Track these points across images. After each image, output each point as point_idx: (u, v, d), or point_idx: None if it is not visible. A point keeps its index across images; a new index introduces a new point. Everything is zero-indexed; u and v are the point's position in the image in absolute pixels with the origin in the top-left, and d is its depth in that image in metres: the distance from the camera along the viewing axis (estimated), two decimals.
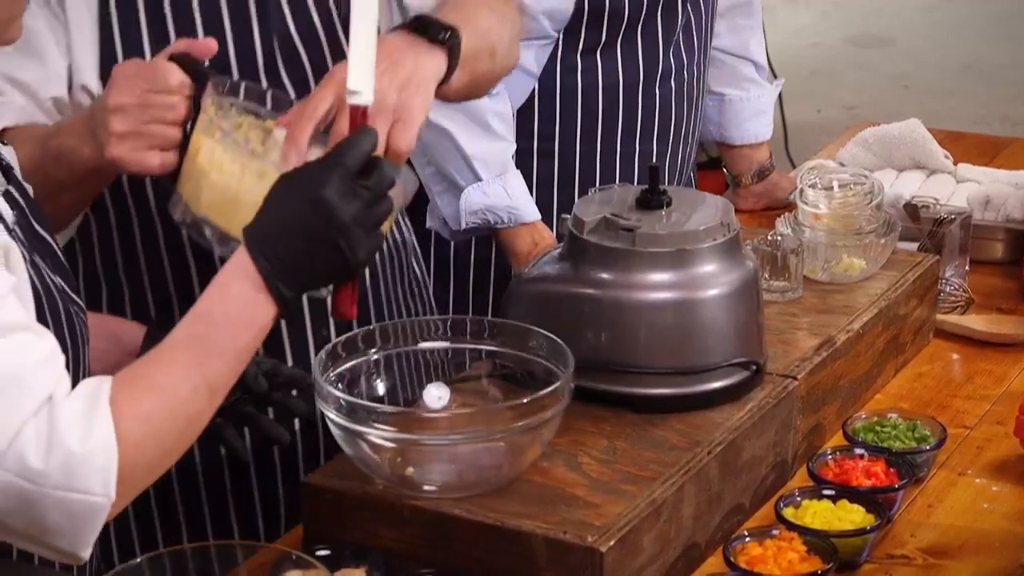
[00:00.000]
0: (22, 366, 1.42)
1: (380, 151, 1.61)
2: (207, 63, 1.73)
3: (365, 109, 1.55)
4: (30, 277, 1.52)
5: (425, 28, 1.75)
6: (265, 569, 1.67)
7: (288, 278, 1.51)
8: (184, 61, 1.71)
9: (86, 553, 1.47)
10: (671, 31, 2.51)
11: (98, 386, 1.46)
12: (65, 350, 1.54)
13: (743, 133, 2.80)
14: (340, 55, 1.94)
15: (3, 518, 1.44)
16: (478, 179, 2.41)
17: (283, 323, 1.95)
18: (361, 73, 1.53)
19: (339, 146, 1.52)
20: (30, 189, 1.65)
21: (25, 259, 1.51)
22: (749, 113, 2.79)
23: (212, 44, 1.73)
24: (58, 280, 1.61)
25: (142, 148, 1.69)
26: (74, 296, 1.64)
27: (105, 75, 1.83)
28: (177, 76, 1.69)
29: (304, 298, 1.72)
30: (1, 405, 1.41)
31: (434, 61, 1.74)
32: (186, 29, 1.87)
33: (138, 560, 1.64)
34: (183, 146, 1.70)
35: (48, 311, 1.56)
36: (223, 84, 1.70)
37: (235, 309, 1.50)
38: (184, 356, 1.49)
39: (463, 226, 2.43)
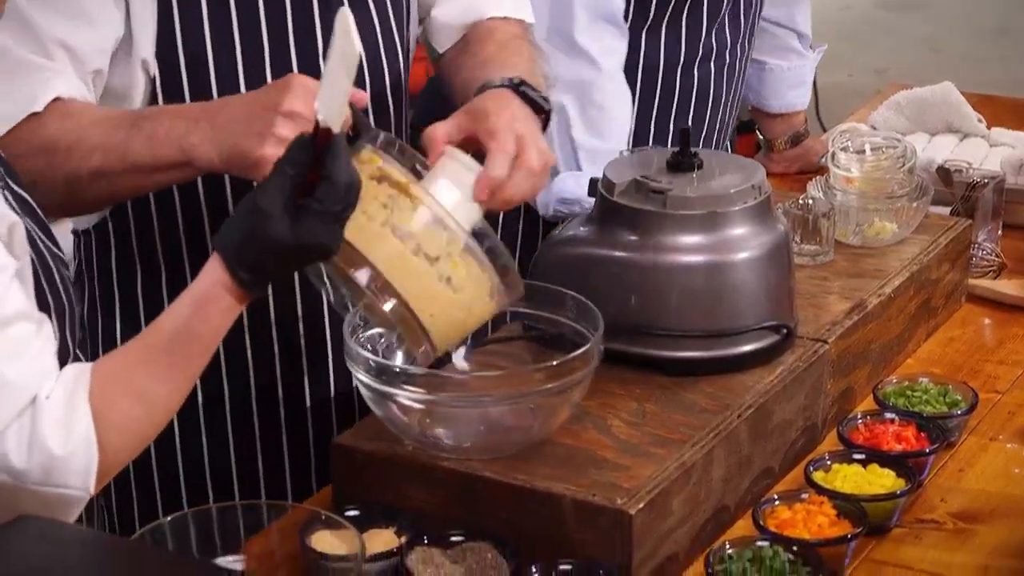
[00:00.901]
0: (12, 368, 1.45)
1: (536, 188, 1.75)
2: None
3: (329, 130, 1.53)
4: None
5: (528, 95, 1.83)
6: (294, 529, 1.68)
7: (265, 283, 1.55)
8: None
9: None
10: (716, 13, 2.49)
11: (77, 380, 1.48)
12: (61, 312, 1.56)
13: (781, 102, 2.80)
14: (394, 57, 1.96)
15: None
16: (579, 169, 2.39)
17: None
18: (334, 110, 1.52)
19: (324, 188, 1.50)
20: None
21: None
22: (789, 83, 2.79)
23: (364, 97, 1.77)
24: (43, 238, 1.61)
25: None
26: (59, 252, 1.65)
27: (162, 54, 1.82)
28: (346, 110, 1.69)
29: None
30: None
31: (538, 127, 1.85)
32: (247, 9, 1.85)
33: (171, 517, 1.65)
34: None
35: (44, 280, 1.57)
36: (389, 140, 1.68)
37: (216, 319, 1.53)
38: (167, 360, 1.52)
39: (550, 212, 2.40)
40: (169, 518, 1.65)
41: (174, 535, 1.63)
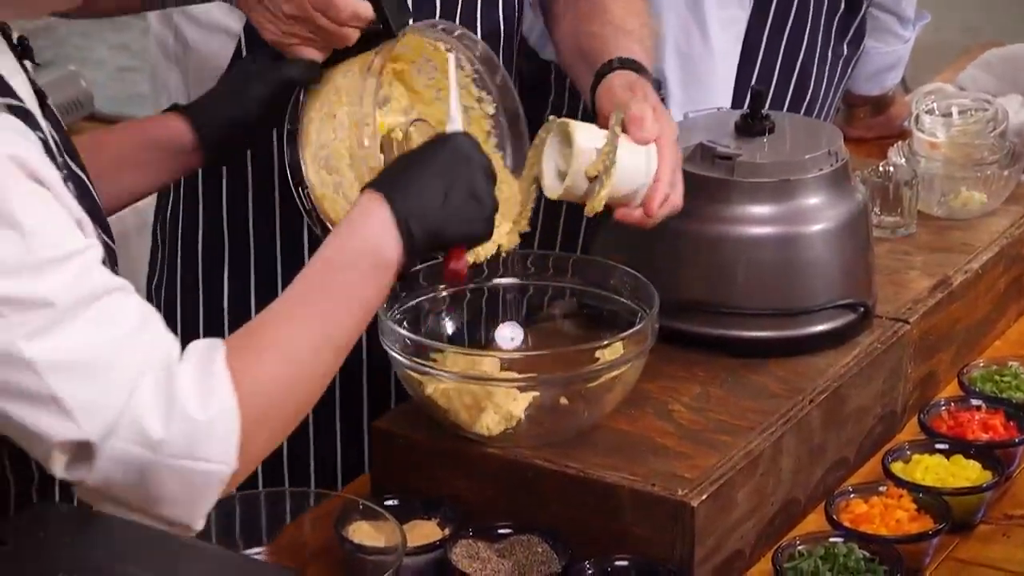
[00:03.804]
0: (124, 330, 1.40)
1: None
2: None
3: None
4: None
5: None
6: (329, 519, 1.68)
7: (421, 217, 1.52)
8: None
9: (200, 523, 1.44)
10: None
11: (211, 350, 1.44)
12: None
13: (872, 85, 2.80)
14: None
15: (115, 490, 1.41)
16: None
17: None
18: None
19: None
20: (57, 112, 1.63)
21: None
22: (883, 65, 2.79)
23: None
24: (93, 225, 1.60)
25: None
26: (108, 240, 1.61)
27: None
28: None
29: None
30: (105, 373, 1.38)
31: None
32: None
33: None
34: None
35: None
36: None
37: (359, 251, 1.50)
38: (303, 311, 1.47)
39: None
40: None
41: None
